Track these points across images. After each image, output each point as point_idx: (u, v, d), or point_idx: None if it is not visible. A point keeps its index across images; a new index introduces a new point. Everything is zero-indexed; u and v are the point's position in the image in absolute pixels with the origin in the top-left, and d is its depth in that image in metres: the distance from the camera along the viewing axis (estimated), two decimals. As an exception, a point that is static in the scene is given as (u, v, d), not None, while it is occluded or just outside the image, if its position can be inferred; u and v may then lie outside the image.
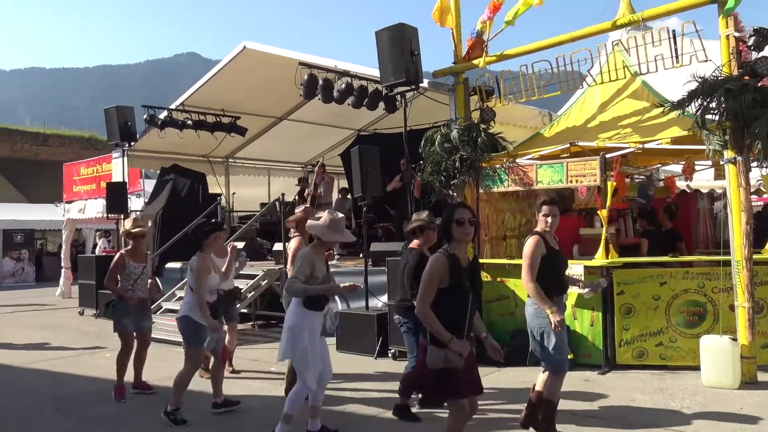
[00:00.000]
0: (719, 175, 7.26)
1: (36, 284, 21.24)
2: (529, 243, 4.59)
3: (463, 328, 3.65)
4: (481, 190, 8.23)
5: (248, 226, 12.31)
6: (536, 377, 6.16)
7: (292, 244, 6.24)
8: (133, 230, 6.44)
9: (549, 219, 4.60)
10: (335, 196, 12.84)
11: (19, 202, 26.08)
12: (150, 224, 12.36)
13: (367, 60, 8.73)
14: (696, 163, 8.54)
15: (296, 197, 13.06)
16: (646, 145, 7.09)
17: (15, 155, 29.46)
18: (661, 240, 8.26)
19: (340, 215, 4.96)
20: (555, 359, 4.56)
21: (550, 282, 4.55)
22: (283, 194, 10.72)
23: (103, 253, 16.21)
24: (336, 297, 9.48)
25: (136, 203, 14.39)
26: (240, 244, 11.05)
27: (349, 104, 10.18)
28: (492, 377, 6.81)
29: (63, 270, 16.70)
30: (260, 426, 5.23)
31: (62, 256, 17.23)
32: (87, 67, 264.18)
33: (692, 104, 6.27)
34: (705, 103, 6.12)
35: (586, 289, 5.10)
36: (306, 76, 9.84)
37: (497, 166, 8.04)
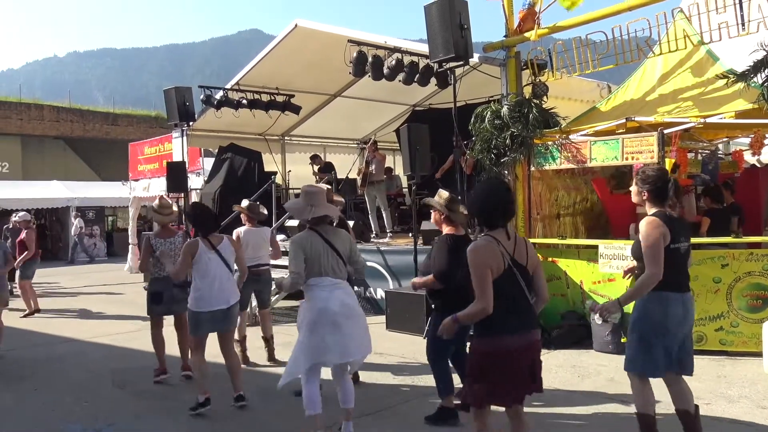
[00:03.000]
0: (789, 149, 6.81)
1: (107, 259, 22.29)
2: None
3: None
4: (532, 168, 8.01)
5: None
6: (586, 360, 6.05)
7: None
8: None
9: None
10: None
11: (91, 180, 27.26)
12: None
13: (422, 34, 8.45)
14: (766, 136, 8.05)
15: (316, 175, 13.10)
16: (708, 120, 6.70)
17: (87, 135, 30.78)
18: (725, 216, 7.85)
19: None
20: None
21: None
22: (333, 172, 10.74)
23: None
24: (387, 275, 9.54)
25: (195, 181, 14.75)
26: (295, 222, 11.24)
27: (399, 81, 10.05)
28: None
29: (130, 246, 17.40)
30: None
31: (129, 233, 17.94)
32: (155, 46, 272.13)
33: (758, 75, 5.86)
34: (772, 74, 5.71)
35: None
36: (355, 54, 9.75)
37: (549, 143, 7.78)
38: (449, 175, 10.76)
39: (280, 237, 11.90)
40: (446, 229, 4.99)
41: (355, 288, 9.93)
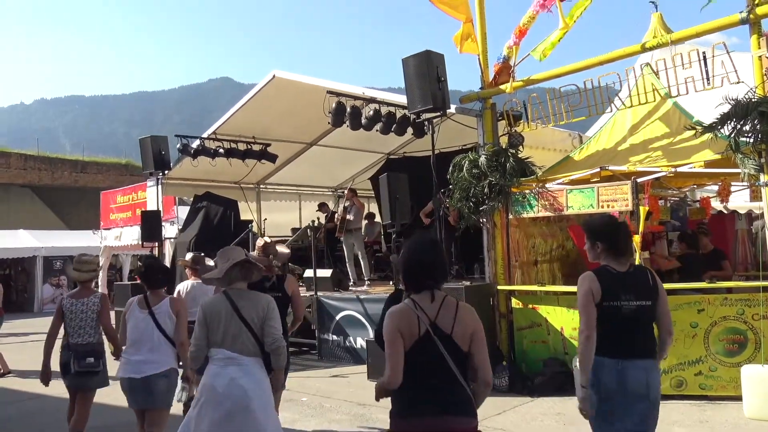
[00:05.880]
0: (755, 196, 7.06)
1: (75, 309, 21.71)
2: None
3: None
4: (510, 216, 8.16)
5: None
6: (570, 407, 6.05)
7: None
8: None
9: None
10: (365, 221, 12.86)
11: (59, 229, 26.76)
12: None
13: (399, 80, 8.65)
14: (732, 184, 8.35)
15: (322, 222, 13.10)
16: (679, 169, 6.95)
17: (55, 183, 30.34)
18: (704, 262, 8.08)
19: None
20: None
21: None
22: (313, 220, 10.79)
23: (138, 281, 16.41)
24: (366, 323, 9.49)
25: (170, 230, 14.62)
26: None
27: (377, 130, 10.23)
28: (525, 408, 6.69)
29: (100, 296, 17.01)
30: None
31: (99, 283, 17.59)
32: (124, 93, 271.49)
33: (725, 127, 6.13)
34: (738, 126, 5.98)
35: None
36: (334, 104, 9.92)
37: (527, 191, 7.96)
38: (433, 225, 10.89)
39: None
40: None
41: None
